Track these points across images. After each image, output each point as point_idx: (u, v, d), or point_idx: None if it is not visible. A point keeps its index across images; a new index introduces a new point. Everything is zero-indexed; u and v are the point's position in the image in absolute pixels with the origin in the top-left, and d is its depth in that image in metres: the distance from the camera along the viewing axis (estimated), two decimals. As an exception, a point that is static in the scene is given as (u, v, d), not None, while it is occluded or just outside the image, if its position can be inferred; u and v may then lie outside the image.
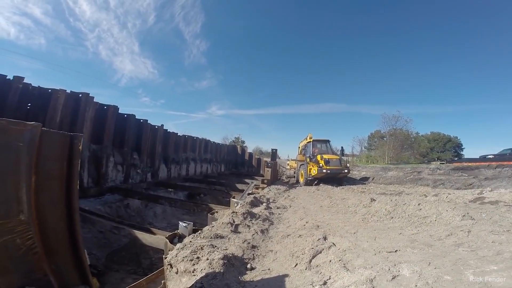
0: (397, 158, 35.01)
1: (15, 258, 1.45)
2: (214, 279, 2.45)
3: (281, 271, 2.79)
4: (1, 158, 1.24)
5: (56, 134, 1.54)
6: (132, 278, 5.24)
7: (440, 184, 12.99)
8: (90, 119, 8.69)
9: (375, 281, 2.26)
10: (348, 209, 6.23)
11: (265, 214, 5.35)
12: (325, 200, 7.66)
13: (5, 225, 1.34)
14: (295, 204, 7.34)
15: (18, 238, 1.41)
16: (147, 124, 11.76)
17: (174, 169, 14.11)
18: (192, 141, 16.39)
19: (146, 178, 11.61)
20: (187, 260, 2.81)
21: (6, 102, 6.64)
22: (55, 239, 1.63)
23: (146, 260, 6.12)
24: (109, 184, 9.22)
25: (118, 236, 5.79)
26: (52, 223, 1.59)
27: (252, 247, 3.51)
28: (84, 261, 1.82)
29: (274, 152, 16.94)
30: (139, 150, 11.30)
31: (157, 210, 9.57)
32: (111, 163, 9.53)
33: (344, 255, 2.97)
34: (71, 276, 1.75)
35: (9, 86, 6.84)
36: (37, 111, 7.23)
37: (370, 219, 5.14)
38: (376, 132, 43.19)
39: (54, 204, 1.59)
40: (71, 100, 8.19)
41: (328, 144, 14.69)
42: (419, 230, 4.16)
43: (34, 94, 7.41)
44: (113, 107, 9.80)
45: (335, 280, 2.37)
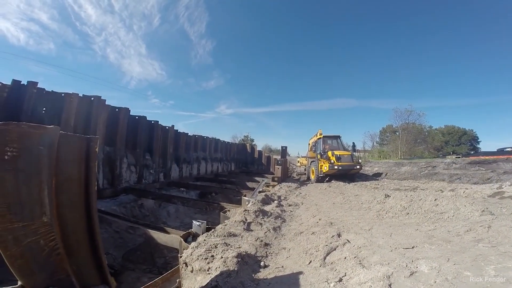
0: (411, 152, 34.21)
1: (39, 259, 1.46)
2: (229, 277, 2.46)
3: (295, 269, 2.78)
4: (23, 162, 1.27)
5: (73, 137, 1.57)
6: (147, 277, 5.34)
7: (457, 179, 12.61)
8: (103, 122, 8.89)
9: (393, 277, 2.21)
10: (361, 205, 6.13)
11: (277, 212, 5.34)
12: (337, 197, 7.57)
13: (29, 227, 1.37)
14: (307, 201, 7.29)
15: (41, 240, 1.43)
16: (158, 125, 11.93)
17: (186, 169, 14.28)
18: (202, 140, 16.53)
19: (159, 178, 11.79)
20: (202, 258, 2.84)
21: (22, 107, 6.87)
22: (75, 240, 1.65)
23: (161, 259, 6.22)
24: (124, 185, 9.42)
25: (133, 236, 5.91)
26: (72, 224, 1.62)
27: (265, 245, 3.52)
28: (103, 261, 1.84)
29: (284, 149, 16.85)
30: (151, 151, 11.49)
31: (170, 210, 9.72)
32: (124, 164, 9.74)
33: (360, 252, 2.93)
34: (91, 276, 1.77)
35: (24, 92, 7.07)
36: (52, 115, 7.44)
37: (385, 215, 5.05)
38: (388, 126, 42.32)
39: (74, 206, 1.61)
40: (83, 103, 8.39)
41: (339, 140, 14.49)
42: (436, 226, 4.05)
43: (48, 99, 7.63)
44: (125, 110, 9.98)
45: (351, 277, 2.34)
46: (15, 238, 1.34)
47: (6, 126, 1.20)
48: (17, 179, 1.28)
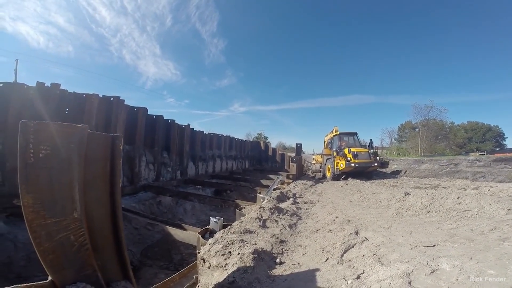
0: (431, 149, 33.00)
1: (69, 255, 1.51)
2: (245, 273, 2.49)
3: (311, 266, 2.77)
4: (56, 159, 1.33)
5: (100, 136, 1.63)
6: (164, 273, 5.50)
7: (481, 177, 12.04)
8: (122, 121, 9.20)
9: (413, 275, 2.17)
10: (380, 203, 6.00)
11: (292, 209, 5.33)
12: (354, 195, 7.44)
13: (61, 223, 1.43)
14: (323, 199, 7.21)
15: (72, 235, 1.48)
16: (175, 124, 12.18)
17: (202, 167, 14.52)
18: (217, 138, 16.72)
19: (176, 176, 12.07)
20: (219, 254, 2.89)
21: (47, 108, 7.23)
22: (101, 236, 1.69)
23: (177, 256, 6.39)
24: (142, 182, 9.72)
25: (151, 232, 6.10)
26: (98, 220, 1.66)
27: (281, 242, 3.53)
28: (126, 256, 1.87)
29: (299, 146, 16.74)
30: (168, 149, 11.77)
31: (187, 207, 9.93)
32: (143, 163, 10.05)
33: (378, 249, 2.88)
34: (114, 272, 1.81)
35: (48, 93, 7.44)
36: (75, 116, 7.78)
37: (404, 213, 4.92)
38: (407, 123, 41.00)
39: (100, 202, 1.66)
40: (104, 104, 8.72)
41: (355, 136, 14.19)
42: (459, 224, 3.91)
43: (71, 100, 7.98)
44: (143, 109, 10.28)
45: (370, 274, 2.30)
46: (47, 234, 1.40)
47: (40, 126, 1.27)
48: (51, 176, 1.34)
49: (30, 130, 1.24)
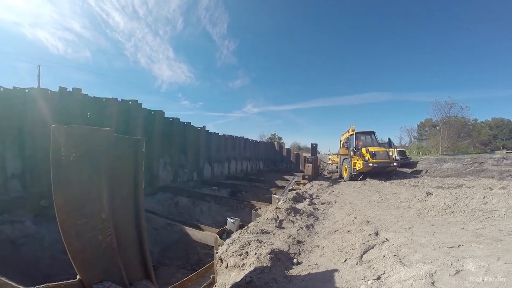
0: (453, 148, 31.63)
1: (97, 254, 1.52)
2: (262, 273, 2.49)
3: (329, 266, 2.74)
4: (85, 162, 1.39)
5: (124, 139, 1.69)
6: (181, 273, 5.59)
7: (508, 176, 11.37)
8: (141, 124, 9.49)
9: (436, 275, 2.10)
10: (400, 204, 5.83)
11: (309, 210, 5.28)
12: (373, 195, 7.27)
13: (90, 223, 1.46)
14: (341, 199, 7.10)
15: (100, 235, 1.51)
16: (191, 126, 12.41)
17: (217, 168, 14.69)
18: (232, 140, 16.86)
19: (193, 177, 12.28)
20: (237, 255, 2.91)
21: (70, 112, 7.59)
22: (125, 236, 1.73)
23: (194, 256, 6.49)
24: (161, 183, 9.97)
25: (170, 233, 6.24)
26: (123, 220, 1.70)
27: (298, 242, 3.51)
28: (148, 256, 1.91)
29: (314, 146, 16.53)
30: (185, 151, 11.99)
31: (203, 207, 10.08)
32: (161, 164, 10.31)
33: (400, 250, 2.81)
34: (136, 271, 1.84)
35: (71, 98, 7.80)
36: (96, 119, 8.11)
37: (426, 214, 4.75)
38: (427, 120, 39.53)
39: (124, 203, 1.71)
40: (122, 107, 9.04)
41: (373, 135, 13.83)
42: (485, 224, 3.74)
43: (92, 104, 8.33)
44: (160, 112, 10.56)
45: (390, 275, 2.25)
46: (78, 234, 1.44)
47: (71, 130, 1.33)
48: (80, 178, 1.39)
49: (61, 134, 1.30)
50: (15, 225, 5.63)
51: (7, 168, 6.55)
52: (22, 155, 6.81)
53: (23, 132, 6.83)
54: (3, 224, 5.50)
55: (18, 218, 5.88)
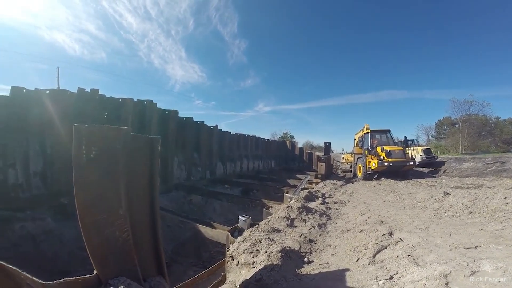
0: (474, 147, 30.41)
1: (114, 250, 1.55)
2: (272, 271, 2.51)
3: (340, 265, 2.72)
4: (104, 159, 1.44)
5: (140, 137, 1.73)
6: (193, 270, 5.69)
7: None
8: (155, 123, 9.73)
9: (451, 276, 2.06)
10: (416, 204, 5.68)
11: (321, 209, 5.25)
12: (388, 195, 7.12)
13: (108, 219, 1.50)
14: (354, 199, 7.00)
15: (117, 231, 1.54)
16: (204, 125, 12.59)
17: (229, 166, 14.83)
18: (243, 139, 16.97)
19: (206, 175, 12.46)
20: (248, 252, 2.94)
21: (87, 112, 7.89)
22: (140, 232, 1.75)
23: (206, 253, 6.59)
24: (175, 181, 10.19)
25: (182, 230, 6.36)
26: (139, 217, 1.73)
27: (309, 241, 3.50)
28: (162, 253, 1.93)
29: (328, 145, 16.32)
30: (198, 150, 12.19)
31: (216, 206, 10.21)
32: (175, 163, 10.54)
33: (414, 250, 2.75)
34: (150, 267, 1.86)
35: (89, 98, 8.10)
36: (112, 118, 8.39)
37: (443, 214, 4.61)
38: (446, 119, 38.15)
39: (140, 200, 1.74)
40: (138, 107, 9.30)
41: (388, 134, 13.49)
42: (505, 225, 3.59)
43: (108, 104, 8.62)
44: (174, 112, 10.78)
45: (403, 275, 2.21)
46: (97, 230, 1.48)
47: (91, 129, 1.39)
48: (100, 175, 1.45)
49: (82, 133, 1.36)
50: (36, 221, 5.91)
51: (29, 166, 6.90)
52: (43, 154, 7.16)
53: (44, 131, 7.17)
54: (26, 221, 5.77)
55: (39, 215, 6.16)
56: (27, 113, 6.84)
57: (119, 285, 1.48)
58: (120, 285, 1.48)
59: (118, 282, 1.50)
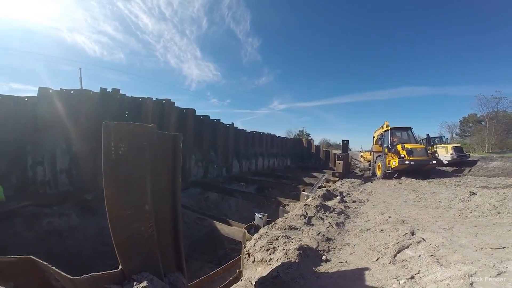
0: (502, 145, 28.77)
1: (138, 245, 1.58)
2: (289, 268, 2.51)
3: (360, 264, 2.68)
4: (131, 156, 1.48)
5: (164, 135, 1.77)
6: (208, 266, 5.75)
7: None
8: (174, 122, 9.97)
9: (475, 276, 1.98)
10: (439, 203, 5.47)
11: (339, 208, 5.17)
12: (409, 194, 6.89)
13: (135, 214, 1.53)
14: (373, 198, 6.83)
15: (142, 226, 1.56)
16: (220, 123, 12.73)
17: (245, 164, 14.91)
18: (259, 136, 16.98)
19: (222, 173, 12.61)
20: (264, 249, 2.95)
21: (109, 111, 8.19)
22: (162, 228, 1.77)
23: (221, 250, 6.66)
24: (192, 178, 10.39)
25: (199, 227, 6.47)
26: (162, 213, 1.76)
27: (327, 240, 3.46)
28: (182, 249, 1.95)
29: (345, 143, 15.96)
30: (214, 148, 12.35)
31: (231, 203, 10.30)
32: (193, 160, 10.75)
33: (437, 250, 2.66)
34: (170, 263, 1.87)
35: (111, 98, 8.41)
36: (133, 117, 8.67)
37: (469, 214, 4.42)
38: (471, 116, 36.35)
39: (163, 196, 1.77)
40: (157, 106, 9.57)
41: (409, 131, 13.01)
42: (536, 226, 3.38)
43: (129, 103, 8.92)
44: (191, 110, 10.98)
45: (425, 275, 2.15)
46: (124, 225, 1.51)
47: (119, 126, 1.43)
48: (128, 171, 1.48)
49: (111, 130, 1.40)
50: (62, 217, 6.18)
51: (56, 163, 7.29)
52: (69, 152, 7.53)
53: (70, 130, 7.54)
54: (53, 217, 6.06)
55: (65, 210, 6.45)
56: (54, 112, 7.21)
57: (142, 280, 1.50)
58: (143, 280, 1.50)
59: (141, 278, 1.52)
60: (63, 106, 7.43)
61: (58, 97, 7.41)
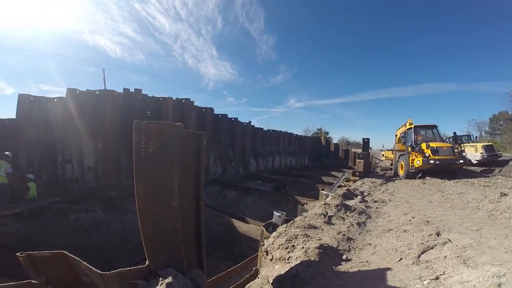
0: (536, 144, 26.73)
1: (165, 241, 1.60)
2: (309, 267, 2.50)
3: (381, 265, 2.63)
4: (161, 153, 1.53)
5: (190, 133, 1.82)
6: (224, 264, 5.82)
7: None
8: (193, 120, 10.20)
9: (505, 277, 1.88)
10: (467, 204, 5.21)
11: (361, 207, 5.08)
12: (434, 195, 6.62)
13: (163, 211, 1.56)
14: (396, 198, 6.63)
15: (169, 223, 1.59)
16: (238, 122, 12.86)
17: (262, 162, 14.97)
18: (276, 135, 16.96)
19: (239, 171, 12.73)
20: (283, 248, 2.96)
21: (133, 111, 8.51)
22: (186, 225, 1.77)
23: (237, 248, 6.72)
24: (211, 176, 10.58)
25: (217, 224, 6.56)
26: (186, 210, 1.79)
27: (348, 239, 3.42)
28: (203, 246, 1.98)
29: (366, 141, 15.53)
30: (232, 146, 12.50)
31: (248, 201, 10.38)
32: (211, 158, 10.95)
33: (464, 251, 2.56)
34: (192, 259, 1.88)
35: (133, 98, 8.72)
36: (155, 116, 8.95)
37: (499, 216, 4.17)
38: (502, 113, 34.32)
39: (187, 193, 1.80)
40: (177, 105, 9.83)
41: (435, 130, 12.44)
42: None
43: (151, 103, 9.22)
44: (210, 109, 11.18)
45: (451, 276, 2.08)
46: (153, 221, 1.55)
47: (149, 125, 1.47)
48: (157, 168, 1.53)
49: (141, 129, 1.46)
50: (88, 213, 6.49)
51: (84, 161, 7.67)
52: (95, 150, 7.90)
53: (96, 129, 7.90)
54: (80, 213, 6.36)
55: (91, 207, 6.79)
56: (81, 112, 7.59)
57: (167, 276, 1.53)
58: (168, 276, 1.53)
59: (166, 273, 1.55)
60: (89, 106, 7.80)
61: (85, 98, 7.79)
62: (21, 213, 5.51)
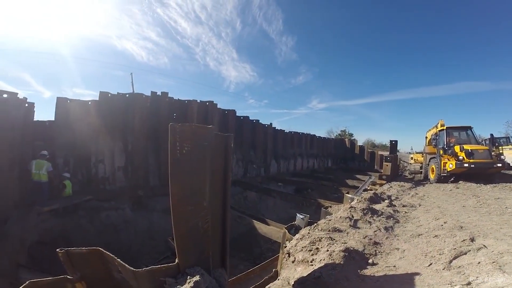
0: None
1: (195, 240, 1.64)
2: (333, 270, 2.47)
3: (409, 269, 2.54)
4: (194, 155, 1.60)
5: (219, 135, 1.88)
6: (244, 264, 5.86)
7: None
8: (217, 122, 10.44)
9: (544, 283, 1.74)
10: (505, 210, 4.86)
11: (388, 212, 4.93)
12: (469, 200, 6.23)
13: (195, 210, 1.60)
14: (426, 202, 6.33)
15: (200, 222, 1.63)
16: (259, 123, 12.94)
17: (283, 164, 14.90)
18: (298, 137, 16.82)
19: (260, 173, 12.78)
20: (306, 250, 2.95)
21: (160, 113, 8.88)
22: (214, 225, 1.79)
23: (257, 249, 6.73)
24: (233, 177, 10.69)
25: (238, 225, 6.63)
26: (215, 210, 1.80)
27: (374, 244, 3.34)
28: (228, 246, 2.00)
29: (394, 144, 14.90)
30: (254, 147, 12.60)
31: (269, 203, 10.38)
32: (234, 160, 11.09)
33: (500, 257, 2.41)
34: (217, 259, 1.90)
35: (161, 101, 9.09)
36: (181, 118, 9.26)
37: (541, 223, 3.85)
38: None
39: (216, 193, 1.81)
40: (201, 108, 10.13)
41: (469, 131, 11.65)
42: None
43: (177, 105, 9.57)
44: (232, 111, 11.38)
45: (484, 281, 1.97)
46: (185, 220, 1.60)
47: (183, 127, 1.54)
48: (191, 169, 1.58)
49: (176, 131, 1.54)
50: (118, 211, 6.83)
51: (115, 161, 8.12)
52: (125, 150, 8.34)
53: (126, 130, 8.34)
54: (110, 211, 6.69)
55: (120, 205, 7.12)
56: (112, 114, 8.04)
57: (195, 274, 1.58)
58: (196, 274, 1.58)
59: (194, 272, 1.60)
60: (120, 108, 8.25)
61: (116, 100, 8.25)
62: (57, 210, 5.83)
